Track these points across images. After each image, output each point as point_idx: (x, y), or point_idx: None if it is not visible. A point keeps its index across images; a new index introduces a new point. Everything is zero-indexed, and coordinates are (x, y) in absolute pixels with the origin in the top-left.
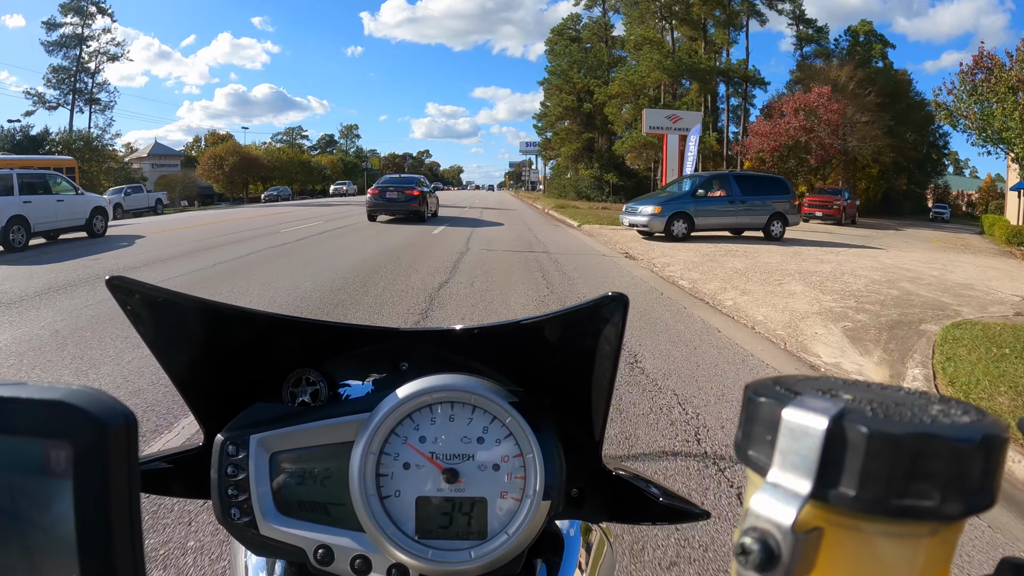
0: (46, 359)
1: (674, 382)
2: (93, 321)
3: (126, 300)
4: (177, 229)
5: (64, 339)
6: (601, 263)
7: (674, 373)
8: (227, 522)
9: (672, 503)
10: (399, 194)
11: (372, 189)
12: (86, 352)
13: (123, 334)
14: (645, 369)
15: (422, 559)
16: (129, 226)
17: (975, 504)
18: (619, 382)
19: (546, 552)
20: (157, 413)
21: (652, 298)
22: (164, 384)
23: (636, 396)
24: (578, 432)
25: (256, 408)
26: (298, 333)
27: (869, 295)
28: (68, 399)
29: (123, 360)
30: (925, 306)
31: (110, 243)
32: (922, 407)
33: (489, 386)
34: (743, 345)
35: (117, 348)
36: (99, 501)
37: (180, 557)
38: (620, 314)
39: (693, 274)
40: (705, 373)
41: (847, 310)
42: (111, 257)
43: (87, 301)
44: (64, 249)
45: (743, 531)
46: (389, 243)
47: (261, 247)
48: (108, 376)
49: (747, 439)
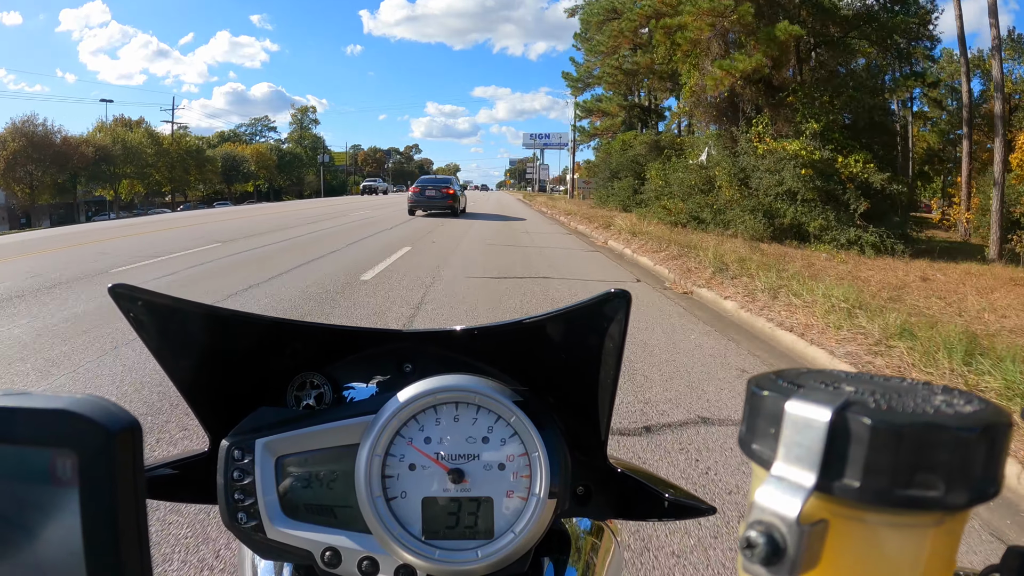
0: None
1: None
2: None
3: (129, 307)
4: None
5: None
6: None
7: None
8: (234, 526)
9: (678, 499)
10: (436, 192)
11: (413, 187)
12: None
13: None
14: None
15: (429, 559)
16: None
17: (980, 493)
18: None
19: (553, 550)
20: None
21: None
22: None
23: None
24: (583, 430)
25: (261, 412)
26: (301, 337)
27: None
28: (73, 408)
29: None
30: None
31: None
32: (925, 397)
33: (493, 386)
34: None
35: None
36: (106, 509)
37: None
38: (623, 311)
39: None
40: None
41: None
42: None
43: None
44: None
45: (748, 524)
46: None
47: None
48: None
49: (751, 433)
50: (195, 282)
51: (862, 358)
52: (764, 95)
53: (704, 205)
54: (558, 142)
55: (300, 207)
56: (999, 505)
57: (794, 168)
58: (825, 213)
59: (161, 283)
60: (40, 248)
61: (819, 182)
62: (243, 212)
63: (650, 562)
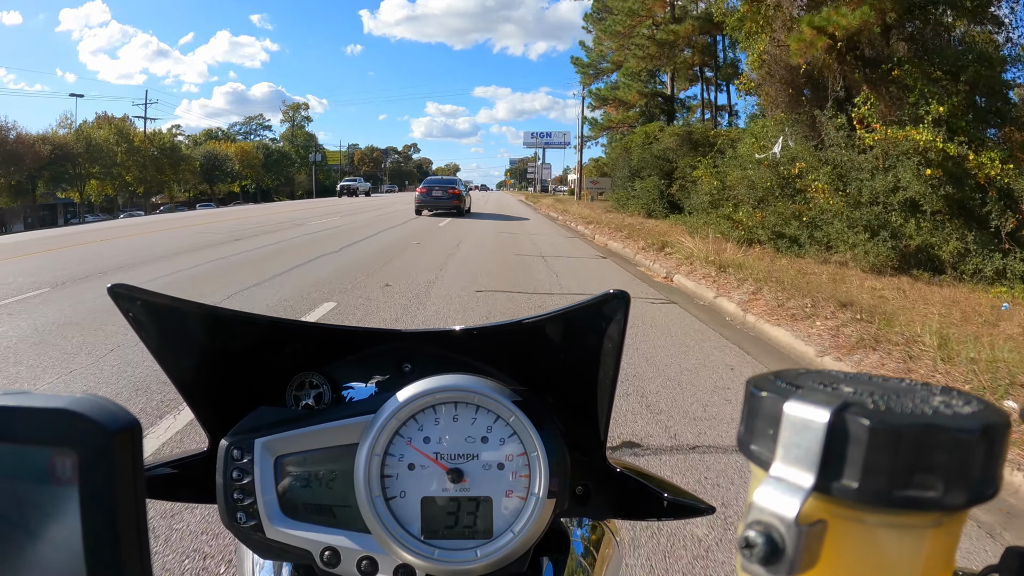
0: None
1: None
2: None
3: (128, 307)
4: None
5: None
6: None
7: None
8: (233, 526)
9: (677, 499)
10: (443, 192)
11: (420, 188)
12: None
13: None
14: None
15: (428, 559)
16: None
17: (978, 494)
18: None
19: (552, 550)
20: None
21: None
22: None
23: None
24: (582, 430)
25: (260, 412)
26: (301, 337)
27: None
28: (72, 407)
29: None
30: None
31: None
32: (923, 398)
33: (492, 385)
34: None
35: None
36: (105, 508)
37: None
38: (622, 312)
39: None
40: None
41: None
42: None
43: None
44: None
45: (747, 524)
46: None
47: None
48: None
49: (750, 433)
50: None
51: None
52: (860, 68)
53: (789, 216)
54: (560, 141)
55: (264, 212)
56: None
57: (917, 167)
58: (960, 232)
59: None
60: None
61: (949, 187)
62: (186, 219)
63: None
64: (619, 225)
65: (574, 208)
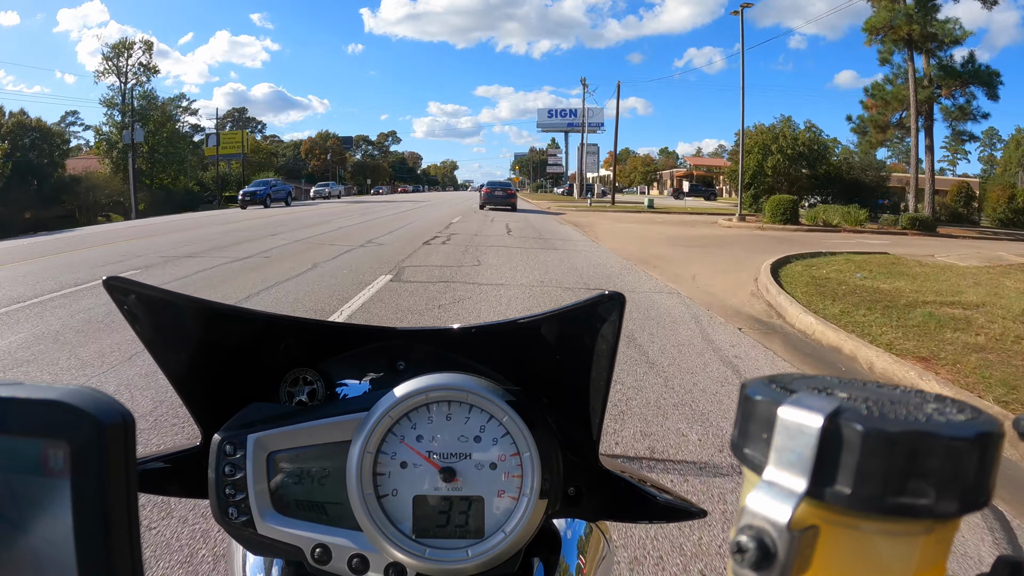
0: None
1: None
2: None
3: (123, 300)
4: None
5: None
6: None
7: None
8: (225, 521)
9: (669, 502)
10: (503, 192)
11: (485, 188)
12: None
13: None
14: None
15: (419, 558)
16: None
17: (970, 502)
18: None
19: (543, 551)
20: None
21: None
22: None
23: None
24: (575, 431)
25: (253, 408)
26: (295, 333)
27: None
28: (65, 399)
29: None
30: None
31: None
32: (917, 405)
33: (486, 385)
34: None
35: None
36: (97, 501)
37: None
38: (617, 313)
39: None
40: None
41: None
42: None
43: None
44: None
45: (739, 529)
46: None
47: None
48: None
49: (743, 437)
50: None
51: None
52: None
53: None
54: (593, 121)
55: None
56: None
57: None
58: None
59: None
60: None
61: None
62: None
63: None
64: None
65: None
